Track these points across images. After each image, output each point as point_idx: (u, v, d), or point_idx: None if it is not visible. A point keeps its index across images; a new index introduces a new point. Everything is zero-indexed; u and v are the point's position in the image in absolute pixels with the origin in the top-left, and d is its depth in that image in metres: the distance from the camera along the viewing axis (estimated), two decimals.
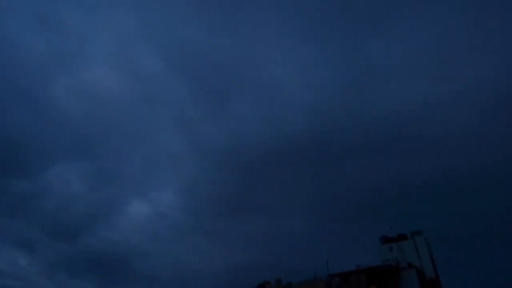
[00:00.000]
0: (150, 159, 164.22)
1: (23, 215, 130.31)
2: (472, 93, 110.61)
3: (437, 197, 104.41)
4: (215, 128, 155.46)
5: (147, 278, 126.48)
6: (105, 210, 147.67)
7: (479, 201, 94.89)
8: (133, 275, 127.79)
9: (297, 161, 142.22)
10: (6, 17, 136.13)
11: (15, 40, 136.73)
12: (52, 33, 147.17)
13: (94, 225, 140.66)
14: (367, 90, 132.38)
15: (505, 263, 72.77)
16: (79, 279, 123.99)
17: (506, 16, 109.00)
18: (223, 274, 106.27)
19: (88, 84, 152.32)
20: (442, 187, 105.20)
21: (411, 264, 42.53)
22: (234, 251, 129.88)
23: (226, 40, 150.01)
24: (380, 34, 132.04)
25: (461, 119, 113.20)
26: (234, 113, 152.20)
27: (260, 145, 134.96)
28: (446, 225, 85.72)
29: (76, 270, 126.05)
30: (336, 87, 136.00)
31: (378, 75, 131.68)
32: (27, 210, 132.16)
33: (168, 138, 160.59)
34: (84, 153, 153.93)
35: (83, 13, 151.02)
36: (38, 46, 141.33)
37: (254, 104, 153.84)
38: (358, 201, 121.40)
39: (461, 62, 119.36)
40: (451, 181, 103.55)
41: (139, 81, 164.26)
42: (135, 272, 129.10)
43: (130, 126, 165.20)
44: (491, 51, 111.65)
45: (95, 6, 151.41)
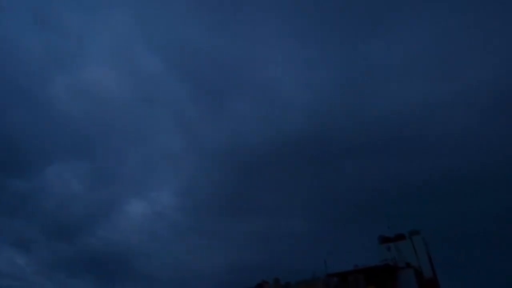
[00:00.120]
0: (149, 159, 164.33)
1: (22, 215, 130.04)
2: (472, 93, 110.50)
3: (437, 197, 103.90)
4: (214, 128, 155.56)
5: (146, 278, 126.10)
6: (105, 210, 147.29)
7: (479, 201, 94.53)
8: (132, 275, 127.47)
9: (297, 161, 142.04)
10: (6, 17, 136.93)
11: (14, 40, 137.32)
12: (51, 33, 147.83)
13: (93, 225, 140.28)
14: (367, 90, 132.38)
15: (504, 263, 72.30)
16: (78, 279, 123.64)
17: (506, 16, 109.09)
18: (222, 274, 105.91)
19: (88, 84, 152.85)
20: (442, 187, 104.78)
21: (409, 264, 42.67)
22: (233, 251, 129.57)
23: (225, 40, 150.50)
24: (380, 34, 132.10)
25: (461, 119, 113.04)
26: (234, 113, 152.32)
27: (260, 145, 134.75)
28: (446, 225, 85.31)
29: (76, 270, 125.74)
30: (336, 87, 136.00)
31: (378, 75, 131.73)
32: (26, 210, 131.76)
33: (167, 138, 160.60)
34: (83, 153, 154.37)
35: (83, 13, 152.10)
36: (38, 46, 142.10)
37: (253, 104, 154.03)
38: (358, 201, 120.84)
39: (461, 62, 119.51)
40: (451, 181, 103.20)
41: (139, 81, 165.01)
42: (134, 272, 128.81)
43: (129, 126, 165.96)
44: (491, 51, 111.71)
45: (94, 6, 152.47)
